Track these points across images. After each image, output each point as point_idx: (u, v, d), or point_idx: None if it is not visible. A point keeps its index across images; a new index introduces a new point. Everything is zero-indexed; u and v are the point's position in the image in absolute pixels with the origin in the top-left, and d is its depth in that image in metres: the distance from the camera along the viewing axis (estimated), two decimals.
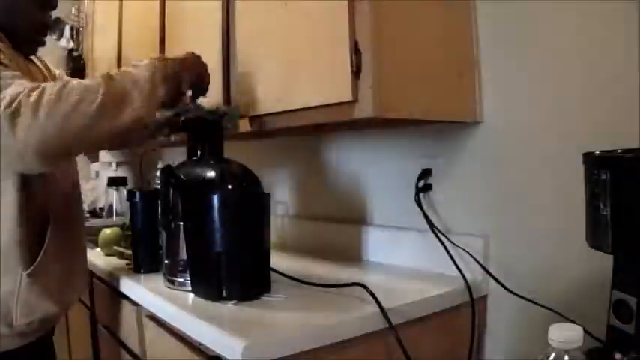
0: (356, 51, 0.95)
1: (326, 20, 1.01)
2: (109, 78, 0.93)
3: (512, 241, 1.10)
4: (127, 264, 1.39)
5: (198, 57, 1.14)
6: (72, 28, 2.47)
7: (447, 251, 1.16)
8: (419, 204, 1.25)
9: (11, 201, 1.02)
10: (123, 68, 1.01)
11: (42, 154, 0.87)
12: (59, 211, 1.12)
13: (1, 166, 0.97)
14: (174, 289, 1.11)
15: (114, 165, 2.65)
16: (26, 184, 1.03)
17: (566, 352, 0.62)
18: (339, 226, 1.51)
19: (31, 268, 1.05)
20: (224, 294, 1.01)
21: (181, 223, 1.09)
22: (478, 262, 1.13)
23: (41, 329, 1.12)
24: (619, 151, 0.74)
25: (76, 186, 1.26)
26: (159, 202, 1.18)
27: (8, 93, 0.85)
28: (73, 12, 2.51)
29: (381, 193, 1.41)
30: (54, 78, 1.29)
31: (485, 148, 1.15)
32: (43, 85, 0.88)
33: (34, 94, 0.85)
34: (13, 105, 0.83)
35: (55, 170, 1.10)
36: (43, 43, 1.20)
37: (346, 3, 0.96)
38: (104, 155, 2.68)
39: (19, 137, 0.83)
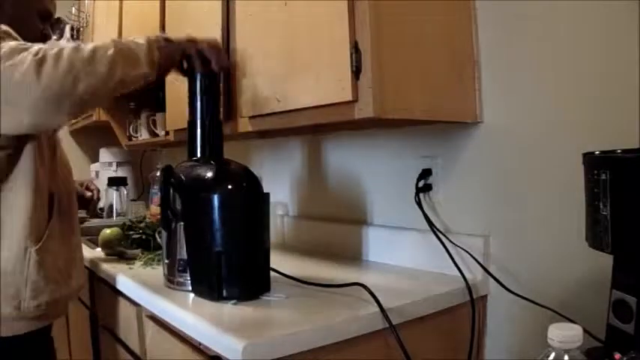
0: (356, 51, 0.96)
1: (326, 20, 1.01)
2: (114, 40, 1.05)
3: (513, 241, 1.10)
4: (127, 264, 1.40)
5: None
6: (72, 28, 2.47)
7: (447, 251, 1.16)
8: (419, 204, 1.25)
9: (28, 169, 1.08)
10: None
11: (58, 101, 0.94)
12: (61, 198, 1.18)
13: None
14: (174, 289, 1.11)
15: (114, 165, 2.65)
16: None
17: (566, 352, 0.62)
18: (339, 226, 1.51)
19: (40, 243, 1.09)
20: (224, 294, 1.01)
21: (181, 223, 1.09)
22: (478, 262, 1.13)
23: (46, 316, 1.14)
24: (619, 151, 0.74)
25: (71, 189, 1.29)
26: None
27: (35, 47, 0.97)
28: (73, 12, 2.52)
29: (381, 193, 1.41)
30: None
31: (485, 148, 1.15)
32: (61, 45, 1.00)
33: (55, 50, 0.96)
34: (39, 55, 0.94)
35: (55, 129, 1.19)
36: None
37: (346, 3, 0.96)
38: (104, 155, 2.68)
39: (42, 83, 0.91)
